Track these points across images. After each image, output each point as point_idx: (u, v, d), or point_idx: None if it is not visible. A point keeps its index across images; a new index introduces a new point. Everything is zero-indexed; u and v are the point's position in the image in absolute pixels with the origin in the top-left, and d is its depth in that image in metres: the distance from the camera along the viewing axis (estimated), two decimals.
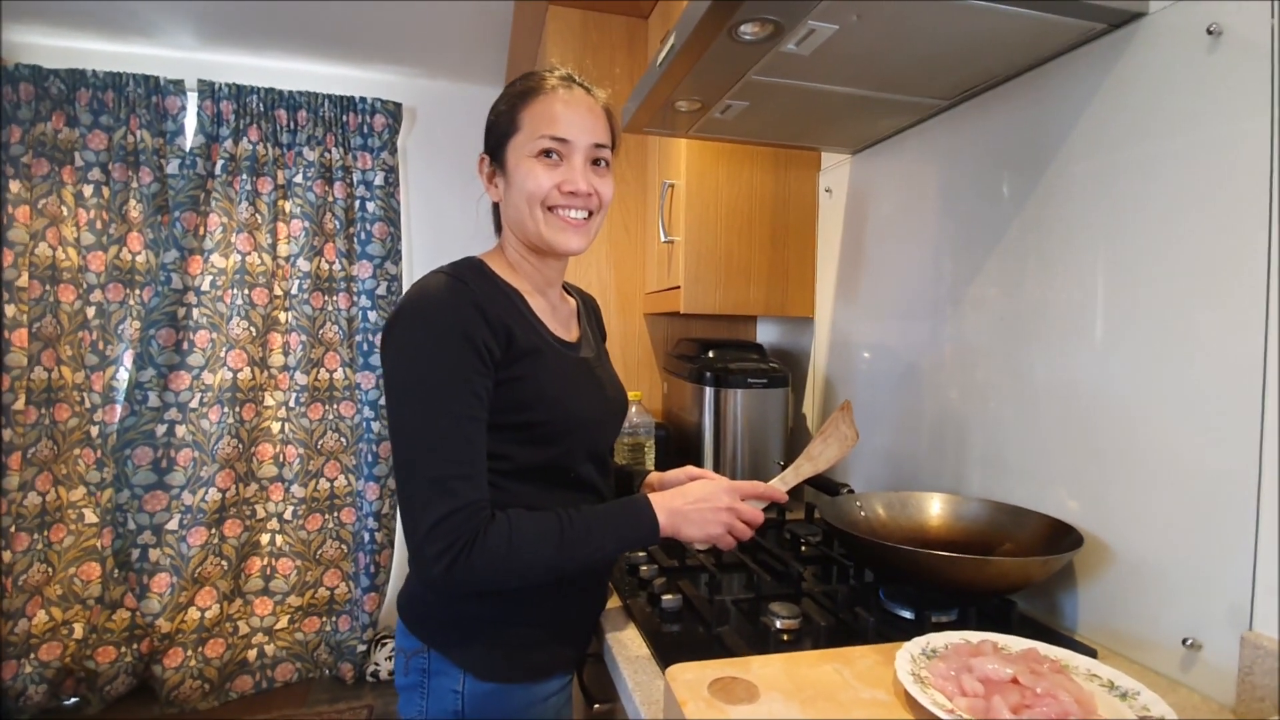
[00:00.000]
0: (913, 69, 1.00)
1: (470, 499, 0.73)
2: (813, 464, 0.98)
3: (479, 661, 0.83)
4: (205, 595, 2.36)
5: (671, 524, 0.82)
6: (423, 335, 0.76)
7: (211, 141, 2.33)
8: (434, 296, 0.78)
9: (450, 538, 0.71)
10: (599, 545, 0.78)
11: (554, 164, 0.84)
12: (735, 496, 0.86)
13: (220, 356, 2.35)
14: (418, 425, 0.75)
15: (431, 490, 0.72)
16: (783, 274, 1.60)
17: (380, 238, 2.49)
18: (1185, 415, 0.80)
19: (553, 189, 0.83)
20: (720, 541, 0.85)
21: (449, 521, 0.71)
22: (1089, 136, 0.93)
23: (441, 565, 0.71)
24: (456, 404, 0.75)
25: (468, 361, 0.76)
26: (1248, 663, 0.71)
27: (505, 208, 0.89)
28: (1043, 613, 0.98)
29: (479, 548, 0.71)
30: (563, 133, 0.83)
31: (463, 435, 0.75)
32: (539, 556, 0.75)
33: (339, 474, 2.53)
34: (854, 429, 1.00)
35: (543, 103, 0.84)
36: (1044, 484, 0.99)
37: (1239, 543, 0.74)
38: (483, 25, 2.16)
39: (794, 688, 0.64)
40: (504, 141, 0.86)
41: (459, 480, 0.73)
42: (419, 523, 0.72)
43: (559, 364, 0.86)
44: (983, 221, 1.11)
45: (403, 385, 0.76)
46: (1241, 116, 0.74)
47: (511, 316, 0.82)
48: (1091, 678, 0.65)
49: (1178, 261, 0.81)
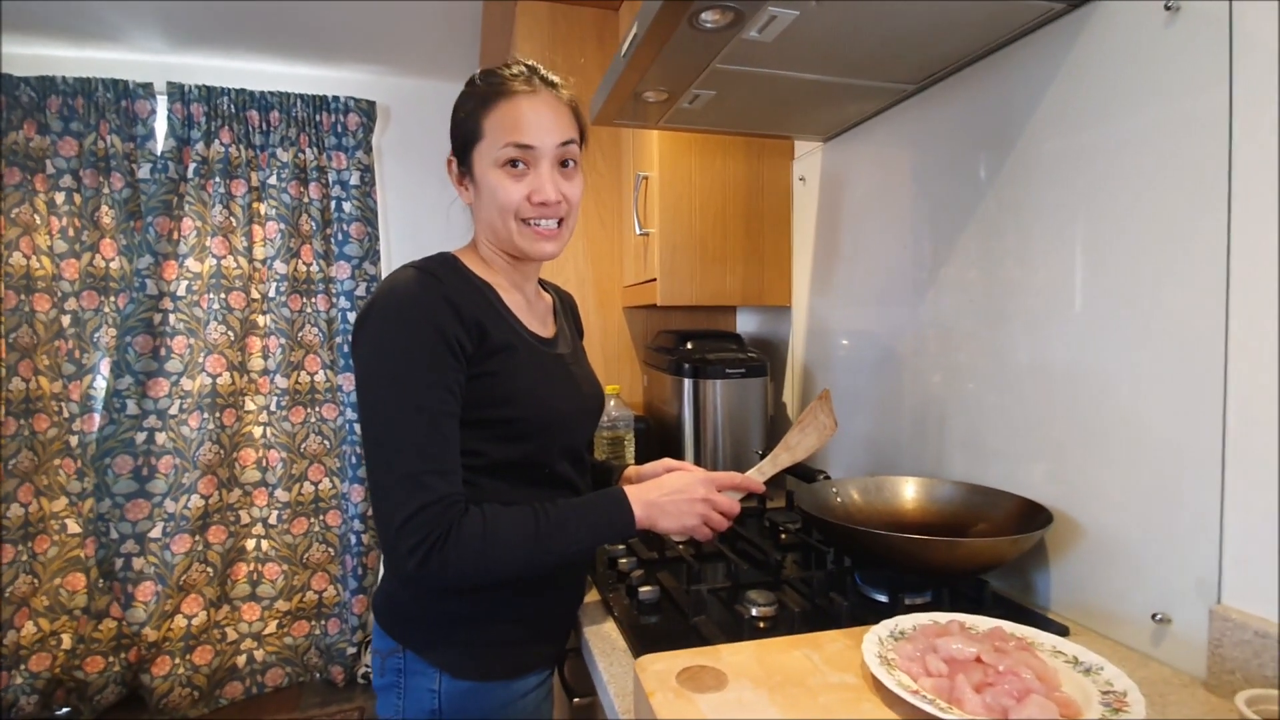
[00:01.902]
0: (876, 53, 1.00)
1: (444, 493, 0.72)
2: (790, 454, 0.98)
3: (455, 660, 0.82)
4: (191, 602, 2.34)
5: (648, 516, 0.81)
6: (394, 330, 0.75)
7: (183, 145, 2.30)
8: (404, 291, 0.77)
9: (423, 532, 0.70)
10: (575, 539, 0.77)
11: (521, 173, 0.83)
12: (711, 488, 0.85)
13: (199, 362, 2.33)
14: (390, 420, 0.74)
15: (404, 485, 0.71)
16: (759, 263, 1.59)
17: (358, 238, 2.47)
18: (1152, 392, 0.80)
19: (523, 201, 0.82)
20: (696, 533, 0.84)
21: (422, 516, 0.70)
22: (1055, 116, 0.93)
23: (415, 560, 0.70)
24: (429, 398, 0.74)
25: (439, 355, 0.75)
26: (1217, 636, 0.72)
27: (478, 211, 0.88)
28: (1016, 591, 0.99)
29: (453, 542, 0.71)
30: (528, 139, 0.81)
31: (436, 429, 0.74)
32: (514, 551, 0.74)
33: (323, 477, 2.52)
34: (832, 418, 1.00)
35: (505, 107, 0.82)
36: (1021, 464, 0.99)
37: (1206, 518, 0.74)
38: (453, 21, 2.14)
39: (763, 674, 0.64)
40: (469, 147, 0.85)
41: (432, 475, 0.72)
42: (392, 518, 0.71)
43: (534, 360, 0.86)
44: (956, 204, 1.11)
45: (374, 380, 0.76)
46: (1200, 90, 0.74)
47: (484, 312, 0.81)
48: (1056, 654, 0.65)
49: (1144, 238, 0.81)
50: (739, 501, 0.89)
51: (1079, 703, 0.57)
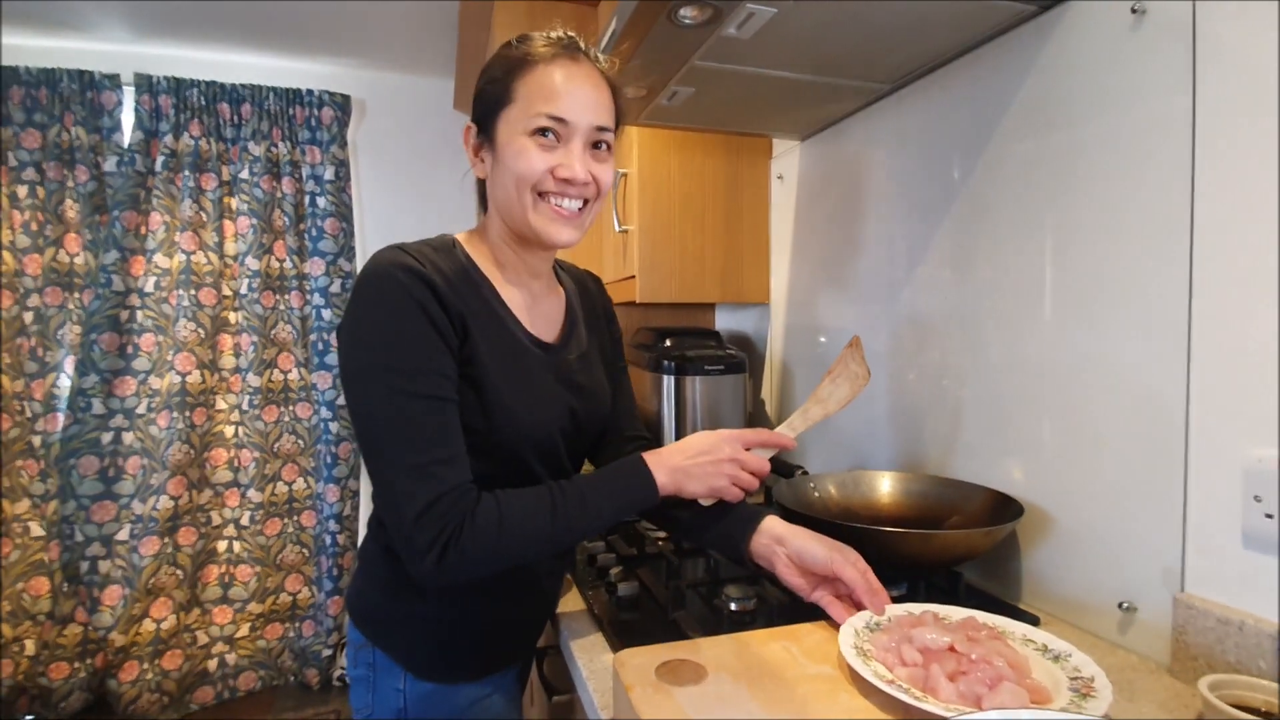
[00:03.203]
0: (853, 52, 1.01)
1: (455, 482, 0.68)
2: (822, 407, 0.90)
3: (419, 661, 0.81)
4: (160, 606, 2.29)
5: (674, 481, 0.76)
6: (382, 316, 0.70)
7: (151, 137, 2.25)
8: (387, 275, 0.71)
9: (439, 525, 0.66)
10: (596, 514, 0.73)
11: (549, 145, 0.75)
12: (738, 446, 0.80)
13: (167, 360, 2.27)
14: (387, 411, 0.69)
15: (413, 478, 0.67)
16: (738, 261, 1.60)
17: (332, 234, 2.43)
18: (1119, 387, 0.82)
19: (546, 174, 0.75)
20: (726, 494, 0.79)
21: (436, 508, 0.66)
22: (1025, 117, 0.95)
23: (434, 555, 0.65)
24: (425, 385, 0.69)
25: (431, 340, 0.70)
26: (1181, 623, 0.74)
27: (492, 186, 0.80)
28: (989, 583, 1.00)
29: (469, 532, 0.66)
30: (562, 112, 0.74)
31: (437, 417, 0.70)
32: (533, 533, 0.70)
33: (297, 477, 2.47)
34: (864, 366, 0.92)
35: (542, 73, 0.74)
36: (993, 458, 1.01)
37: (1170, 509, 0.76)
38: (430, 15, 2.11)
39: (742, 667, 0.64)
40: (494, 112, 0.77)
41: (440, 465, 0.68)
42: (404, 514, 0.66)
43: (521, 368, 0.79)
44: (930, 203, 1.13)
45: (365, 371, 0.70)
46: (1165, 93, 0.76)
47: (471, 307, 0.75)
48: (1027, 642, 0.67)
49: (1110, 237, 0.83)
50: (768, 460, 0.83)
51: (1049, 689, 0.58)
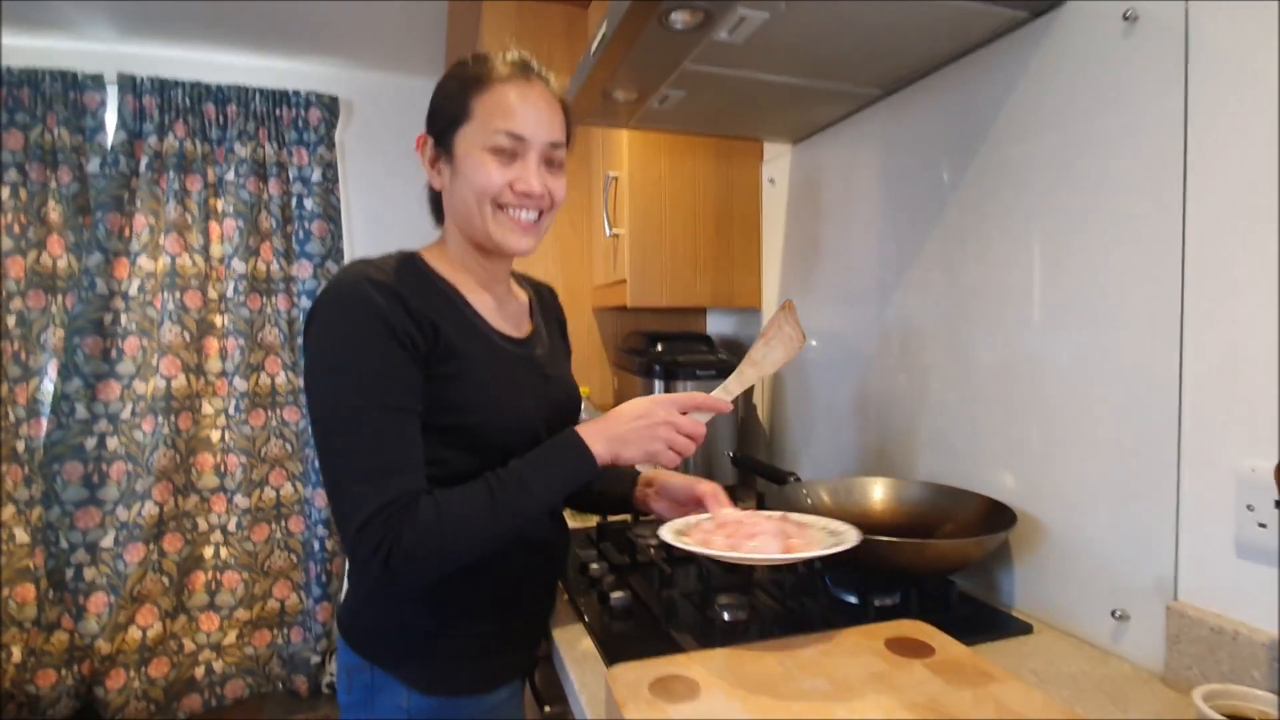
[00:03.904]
0: (844, 57, 1.01)
1: (403, 490, 0.69)
2: (757, 369, 0.91)
3: (423, 675, 0.80)
4: (146, 613, 2.25)
5: (610, 450, 0.77)
6: (345, 326, 0.72)
7: (134, 138, 2.21)
8: (351, 286, 0.73)
9: (382, 531, 0.67)
10: (538, 494, 0.74)
11: (507, 161, 0.79)
12: (673, 409, 0.80)
13: (152, 364, 2.24)
14: (344, 418, 0.70)
15: (361, 486, 0.68)
16: (729, 265, 1.59)
17: (320, 236, 2.40)
18: (1110, 393, 0.82)
19: (505, 187, 0.79)
20: (661, 458, 0.79)
21: (379, 517, 0.67)
22: (1017, 121, 0.94)
23: (378, 561, 0.67)
24: (384, 394, 0.71)
25: (393, 351, 0.72)
26: (1174, 632, 0.74)
27: (450, 198, 0.83)
28: (982, 590, 1.00)
29: (409, 533, 0.67)
30: (519, 129, 0.78)
31: (393, 426, 0.71)
32: (476, 523, 0.70)
33: (285, 481, 2.45)
34: (799, 330, 0.92)
35: (499, 92, 0.79)
36: (985, 464, 1.01)
37: (1162, 516, 0.76)
38: (418, 15, 2.09)
39: (736, 683, 0.63)
40: (452, 127, 0.80)
41: (389, 473, 0.69)
42: (349, 521, 0.68)
43: (498, 363, 0.82)
44: (921, 207, 1.13)
45: (325, 378, 0.72)
46: (1157, 98, 0.76)
47: (440, 311, 0.77)
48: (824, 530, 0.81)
49: (1101, 241, 0.83)
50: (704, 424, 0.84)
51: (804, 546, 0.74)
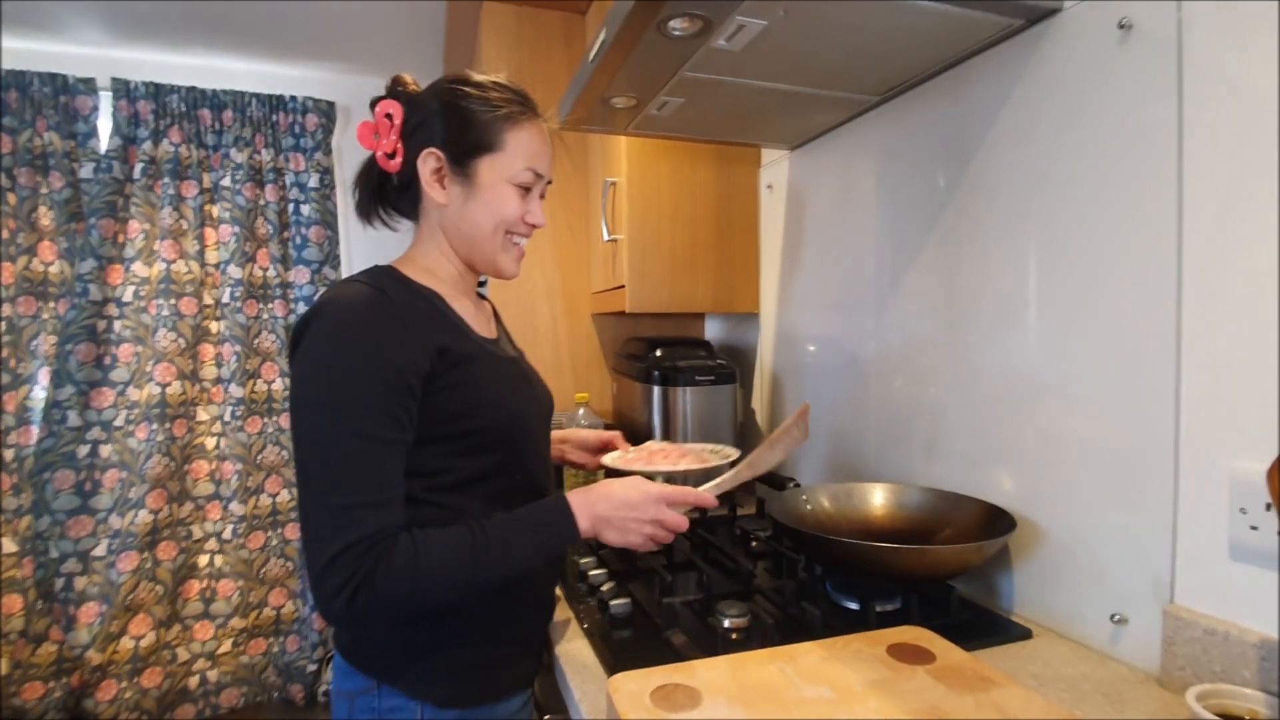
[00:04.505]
0: (842, 64, 1.01)
1: (377, 527, 0.68)
2: (752, 470, 0.94)
3: (436, 689, 0.79)
4: (139, 623, 2.23)
5: (594, 529, 0.78)
6: (339, 350, 0.71)
7: (129, 144, 2.21)
8: (353, 310, 0.73)
9: (350, 569, 0.66)
10: (517, 557, 0.73)
11: (523, 194, 0.86)
12: (663, 506, 0.81)
13: (146, 371, 2.23)
14: (325, 447, 0.70)
15: (334, 519, 0.67)
16: (728, 270, 1.60)
17: (317, 241, 2.40)
18: (1107, 397, 0.83)
19: (519, 219, 0.86)
20: (640, 548, 0.82)
21: (351, 553, 0.66)
22: (1012, 129, 0.95)
23: (342, 599, 0.65)
24: (368, 425, 0.70)
25: (386, 382, 0.71)
26: (1170, 634, 0.74)
27: (455, 217, 0.85)
28: (982, 595, 1.00)
29: (383, 572, 0.67)
30: (542, 168, 0.86)
31: (375, 459, 0.70)
32: (450, 576, 0.70)
33: (281, 488, 2.43)
34: (806, 431, 0.96)
35: (533, 130, 0.85)
36: (983, 468, 1.01)
37: (1159, 519, 0.77)
38: (416, 21, 2.09)
39: (738, 690, 0.63)
40: (477, 152, 0.83)
41: (365, 508, 0.68)
42: (318, 554, 0.67)
43: (492, 366, 0.84)
44: (917, 213, 1.13)
45: (312, 402, 0.71)
46: (1151, 106, 0.77)
47: (437, 324, 0.79)
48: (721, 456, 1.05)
49: (1097, 247, 0.83)
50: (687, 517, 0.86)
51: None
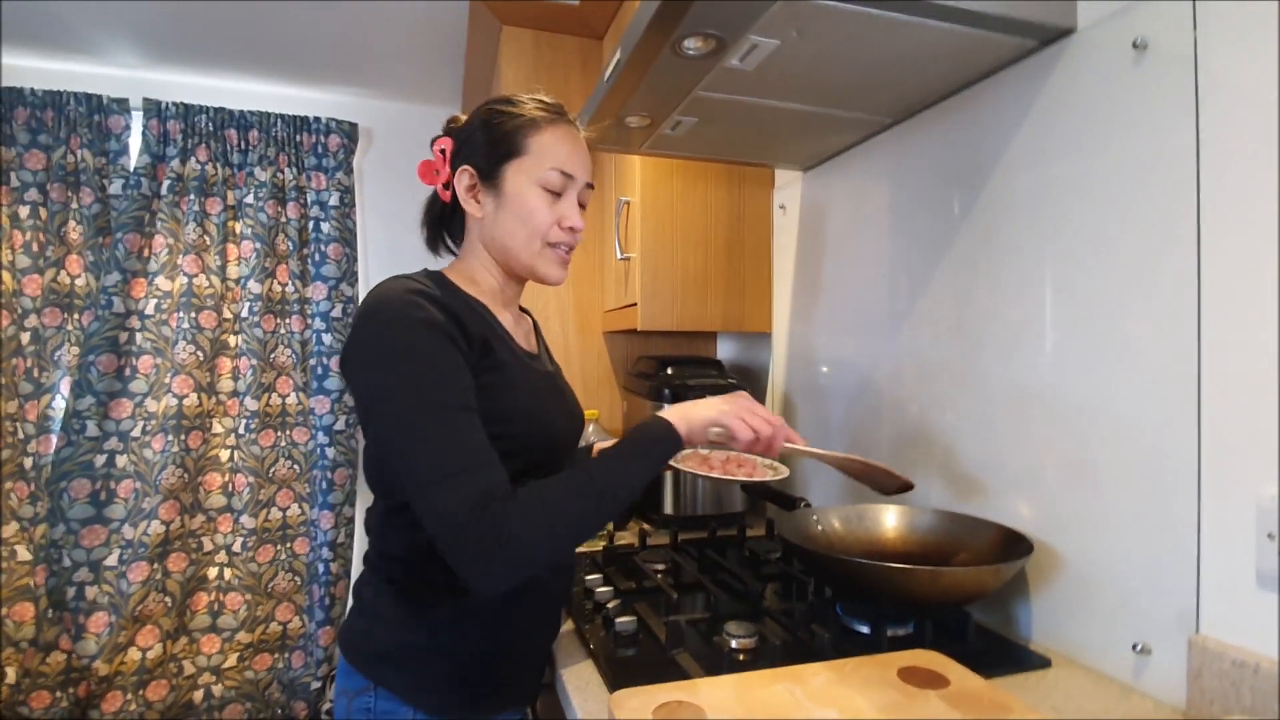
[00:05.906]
0: (855, 85, 1.02)
1: (496, 480, 0.68)
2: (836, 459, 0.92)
3: (430, 696, 0.79)
4: (147, 634, 2.23)
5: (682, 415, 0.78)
6: (396, 336, 0.72)
7: (157, 161, 2.26)
8: (400, 297, 0.75)
9: (488, 522, 0.65)
10: (630, 471, 0.74)
11: (554, 199, 0.85)
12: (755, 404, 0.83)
13: (164, 383, 2.26)
14: (419, 424, 0.69)
15: (455, 482, 0.67)
16: (740, 290, 1.60)
17: (335, 259, 2.43)
18: (1127, 422, 0.81)
19: (553, 225, 0.85)
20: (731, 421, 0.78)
21: (482, 507, 0.66)
22: (1027, 151, 0.95)
23: (490, 551, 0.65)
24: (454, 396, 0.71)
25: (446, 351, 0.73)
26: (1196, 666, 0.71)
27: (490, 227, 0.86)
28: (998, 623, 0.98)
29: (518, 519, 0.66)
30: (571, 168, 0.85)
31: (470, 425, 0.71)
32: (578, 506, 0.70)
33: (292, 503, 2.44)
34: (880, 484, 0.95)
35: (556, 133, 0.85)
36: (1000, 493, 0.99)
37: (1182, 546, 0.74)
38: (437, 46, 2.15)
39: (743, 710, 0.62)
40: (502, 160, 0.84)
41: (479, 468, 0.68)
42: (453, 519, 0.65)
43: (529, 377, 0.85)
44: (931, 236, 1.13)
45: (390, 389, 0.71)
46: (1168, 126, 0.76)
47: (480, 325, 0.80)
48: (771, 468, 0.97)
49: (1115, 271, 0.82)
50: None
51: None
